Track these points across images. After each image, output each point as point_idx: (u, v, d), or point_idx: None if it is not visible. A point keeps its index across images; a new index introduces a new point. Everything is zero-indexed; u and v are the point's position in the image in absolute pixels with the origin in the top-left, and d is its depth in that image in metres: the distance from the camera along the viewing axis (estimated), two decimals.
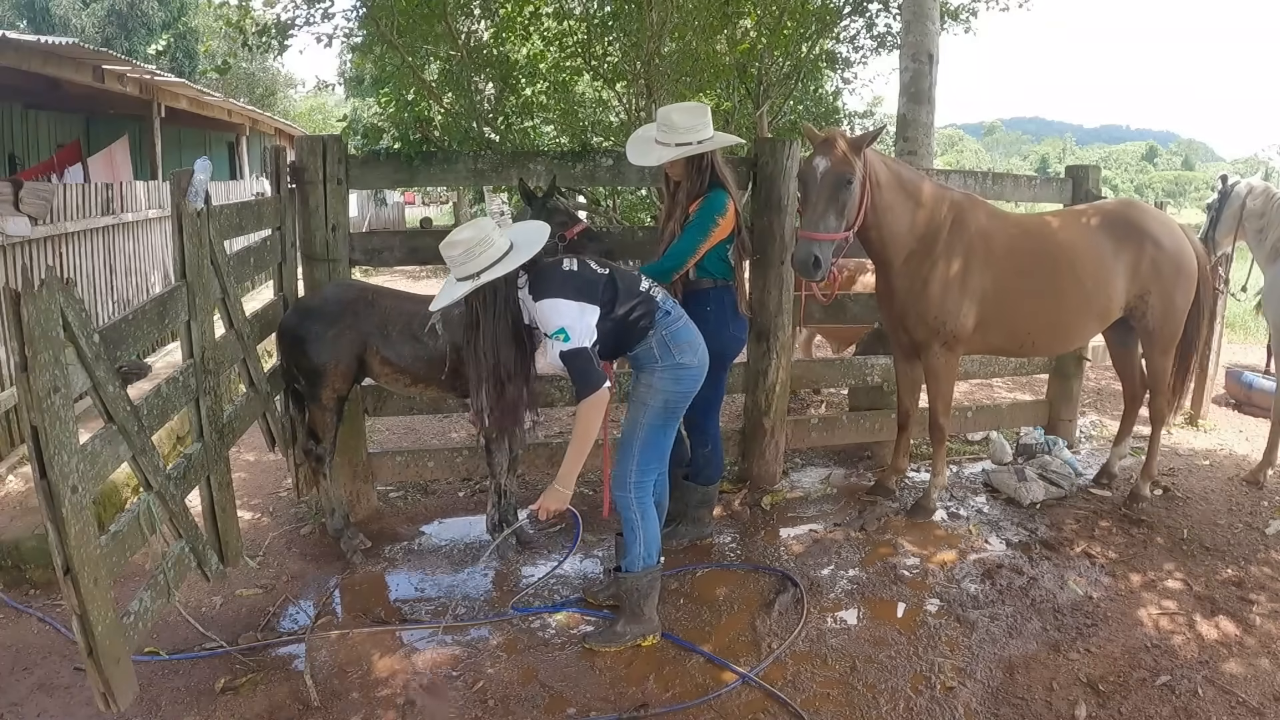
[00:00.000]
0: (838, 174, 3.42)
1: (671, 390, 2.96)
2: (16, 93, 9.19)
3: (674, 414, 3.02)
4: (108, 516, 3.64)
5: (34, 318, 2.01)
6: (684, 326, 2.99)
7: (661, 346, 2.94)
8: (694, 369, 2.99)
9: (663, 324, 2.94)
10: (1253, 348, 8.32)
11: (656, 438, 3.03)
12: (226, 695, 2.78)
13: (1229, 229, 5.03)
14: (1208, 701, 2.78)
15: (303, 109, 26.47)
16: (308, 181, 3.83)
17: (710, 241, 3.43)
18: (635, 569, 3.05)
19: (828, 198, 3.43)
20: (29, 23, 20.64)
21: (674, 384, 2.96)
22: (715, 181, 3.46)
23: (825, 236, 3.43)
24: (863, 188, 3.51)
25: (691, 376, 2.99)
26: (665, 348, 2.94)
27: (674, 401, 2.98)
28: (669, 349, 2.94)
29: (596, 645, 3.06)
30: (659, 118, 3.43)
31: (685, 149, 3.34)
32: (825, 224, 3.43)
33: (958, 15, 8.15)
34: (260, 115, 15.05)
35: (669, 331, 2.94)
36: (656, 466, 3.08)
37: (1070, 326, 4.10)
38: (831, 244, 3.46)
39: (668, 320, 2.95)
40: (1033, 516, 4.23)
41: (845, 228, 3.49)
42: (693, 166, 3.44)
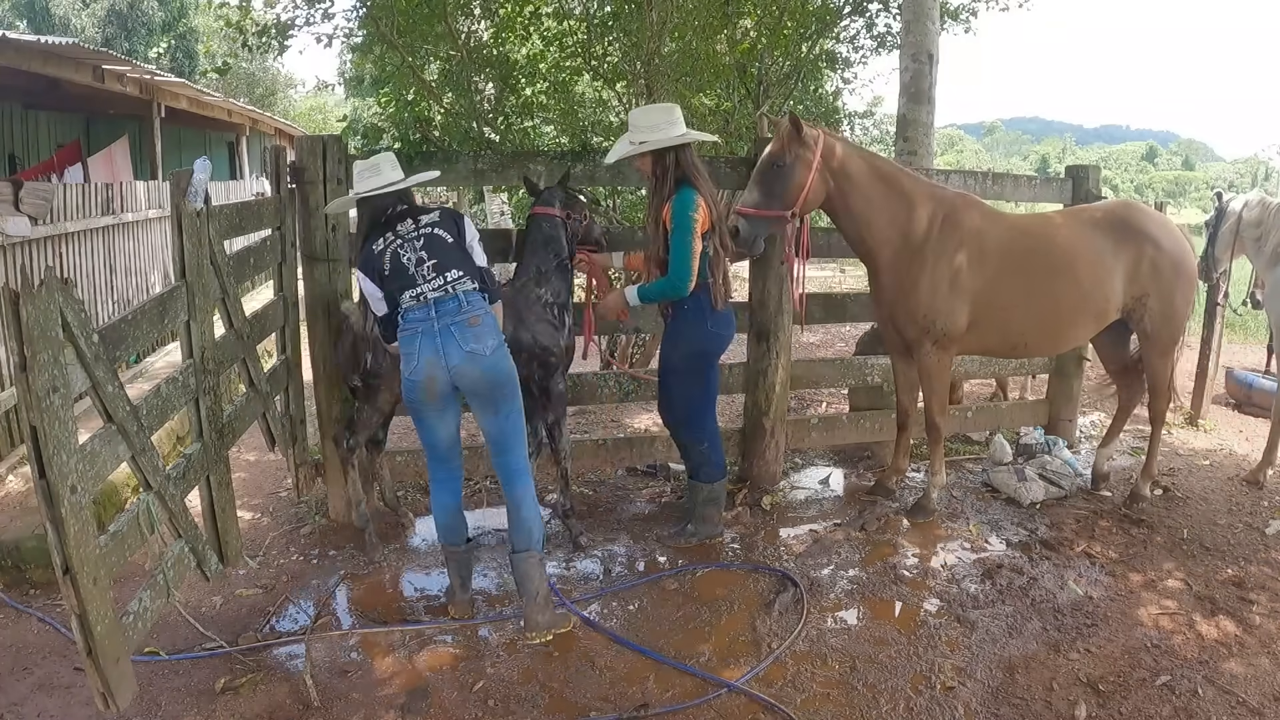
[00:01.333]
0: (770, 157, 3.60)
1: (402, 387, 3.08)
2: (16, 93, 9.19)
3: (411, 411, 3.09)
4: (108, 516, 3.64)
5: (33, 318, 2.01)
6: (405, 335, 3.00)
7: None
8: (406, 379, 3.01)
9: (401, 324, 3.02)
10: (1253, 348, 8.32)
11: (415, 425, 3.14)
12: (226, 695, 2.78)
13: (1227, 244, 5.08)
14: (1208, 701, 2.78)
15: (303, 109, 26.47)
16: (308, 181, 3.83)
17: (698, 238, 3.47)
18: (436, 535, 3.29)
19: (755, 177, 3.64)
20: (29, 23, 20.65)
21: (401, 380, 3.06)
22: (684, 181, 3.49)
23: (747, 210, 3.62)
24: (805, 172, 3.61)
25: (404, 383, 3.02)
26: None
27: (405, 399, 3.08)
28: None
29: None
30: (629, 118, 3.58)
31: (641, 146, 3.47)
32: (750, 198, 3.63)
33: (958, 15, 8.14)
34: (260, 115, 15.06)
35: (400, 331, 3.03)
36: (429, 455, 3.17)
37: (1065, 328, 4.10)
38: (760, 220, 3.62)
39: (400, 323, 3.02)
40: (1033, 516, 4.23)
41: (781, 207, 3.62)
42: (656, 165, 3.52)
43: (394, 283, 3.02)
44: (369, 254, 3.08)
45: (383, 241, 3.07)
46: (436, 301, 2.98)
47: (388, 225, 3.11)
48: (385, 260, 3.04)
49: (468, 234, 3.18)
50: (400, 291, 3.00)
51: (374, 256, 3.06)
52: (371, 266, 3.07)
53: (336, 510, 4.12)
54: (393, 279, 3.03)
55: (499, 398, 3.01)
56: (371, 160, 3.19)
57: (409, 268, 3.02)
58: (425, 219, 3.14)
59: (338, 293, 3.90)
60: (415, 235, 3.07)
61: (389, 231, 3.09)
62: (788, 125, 3.58)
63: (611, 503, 4.37)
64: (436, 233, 3.09)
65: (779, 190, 3.59)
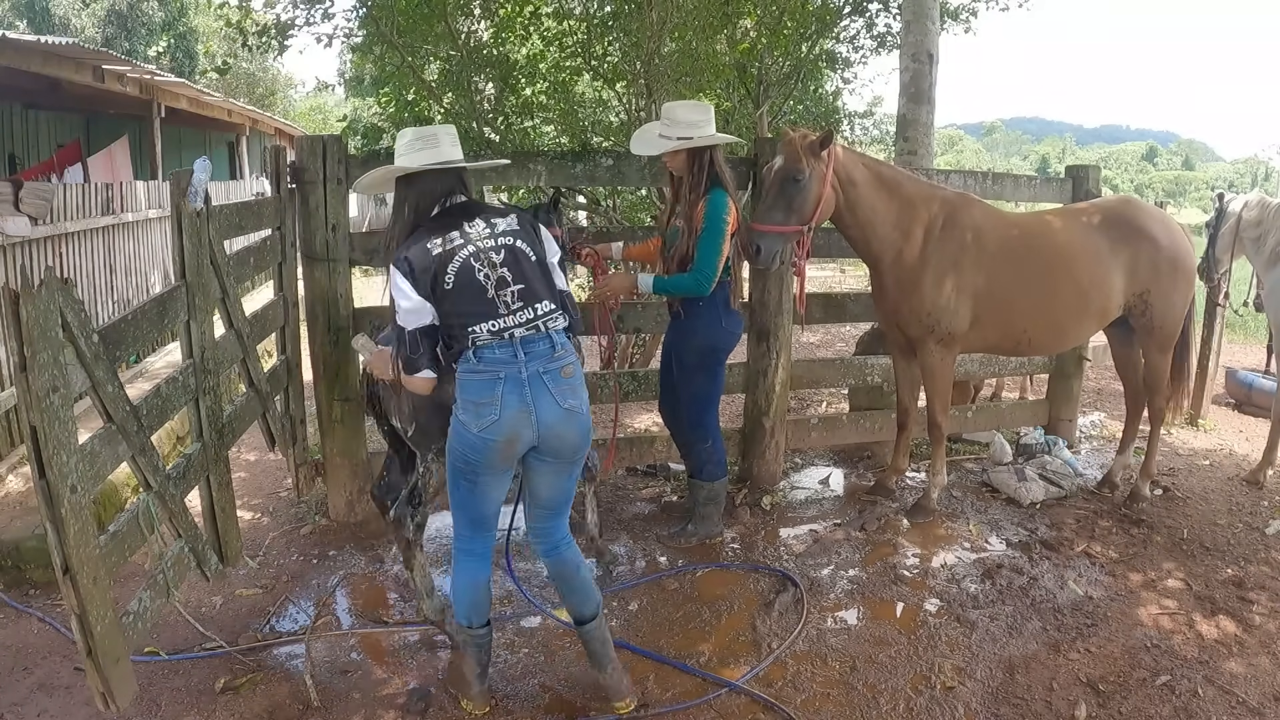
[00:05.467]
0: (787, 172, 3.56)
1: (451, 440, 2.48)
2: (16, 93, 9.19)
3: (459, 472, 2.48)
4: (108, 516, 3.63)
5: (33, 318, 2.01)
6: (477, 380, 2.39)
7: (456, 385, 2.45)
8: (468, 433, 2.40)
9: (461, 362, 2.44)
10: (1253, 348, 8.32)
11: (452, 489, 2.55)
12: (226, 695, 2.78)
13: (1227, 245, 5.08)
14: (1208, 701, 2.78)
15: (303, 109, 26.49)
16: (308, 181, 3.83)
17: (727, 240, 3.49)
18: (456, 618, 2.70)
19: (775, 193, 3.58)
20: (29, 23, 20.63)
21: (453, 434, 2.47)
22: (715, 181, 3.50)
23: (769, 228, 3.58)
24: (820, 186, 3.59)
25: (464, 439, 2.42)
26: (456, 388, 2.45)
27: (453, 455, 2.48)
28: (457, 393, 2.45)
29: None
30: (664, 112, 3.53)
31: (685, 142, 3.44)
32: (771, 217, 3.58)
33: (958, 15, 8.16)
34: (260, 115, 15.06)
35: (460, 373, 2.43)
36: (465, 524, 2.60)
37: (1068, 325, 4.10)
38: (779, 236, 3.59)
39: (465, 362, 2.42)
40: (1033, 516, 4.23)
41: (799, 222, 3.61)
42: (694, 163, 3.50)
43: (462, 304, 2.38)
44: (421, 252, 2.38)
45: (444, 243, 2.39)
46: (524, 341, 2.39)
47: (448, 220, 2.46)
48: (451, 271, 2.37)
49: (549, 248, 2.56)
50: (472, 320, 2.37)
51: (429, 258, 2.38)
52: (423, 270, 2.37)
53: (336, 510, 4.12)
54: (460, 299, 2.38)
55: (576, 460, 2.55)
56: (427, 130, 2.54)
57: (486, 289, 2.38)
58: (502, 224, 2.48)
59: (338, 293, 3.90)
60: (493, 245, 2.43)
61: (453, 230, 2.42)
62: (810, 140, 3.53)
63: (611, 502, 4.37)
64: (519, 246, 2.46)
65: (798, 205, 3.57)
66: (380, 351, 2.71)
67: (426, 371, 2.48)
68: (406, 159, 2.49)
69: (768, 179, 3.63)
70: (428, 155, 2.47)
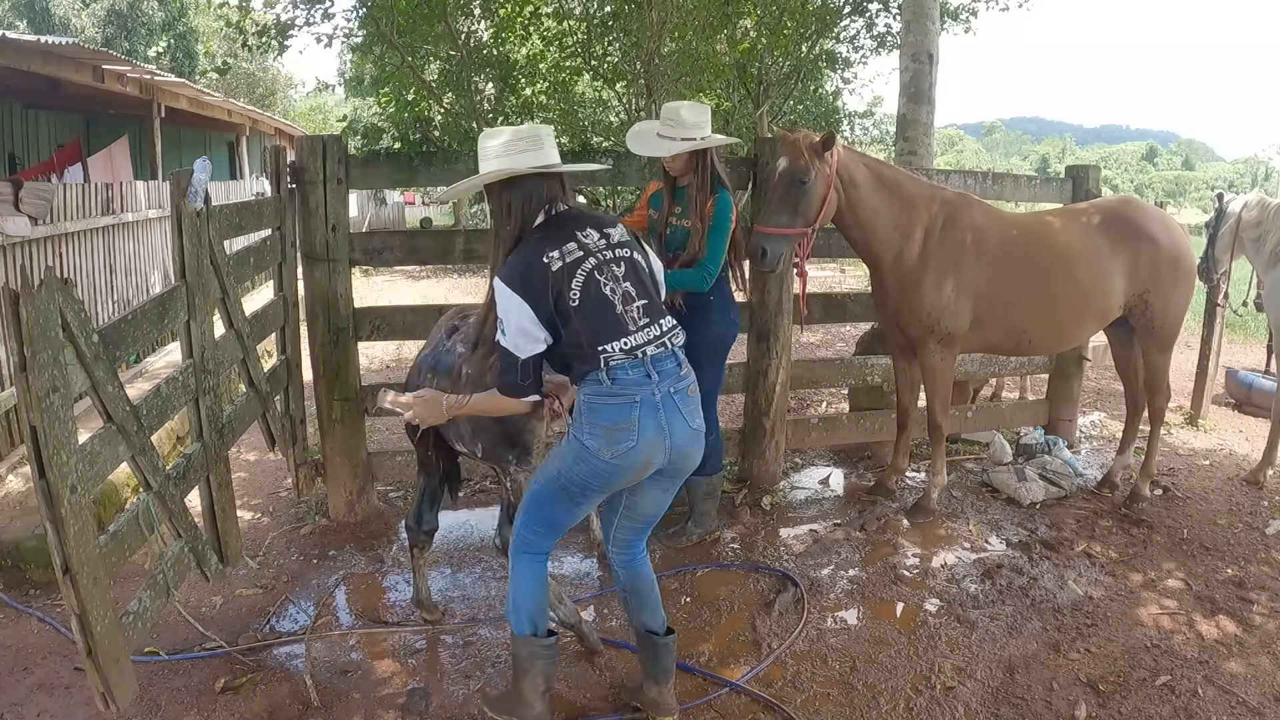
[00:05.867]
0: (792, 174, 3.54)
1: (568, 464, 2.30)
2: (16, 93, 9.19)
3: (565, 492, 2.32)
4: (108, 516, 3.63)
5: (33, 318, 2.01)
6: (612, 404, 2.22)
7: (580, 408, 2.30)
8: (598, 460, 2.23)
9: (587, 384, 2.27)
10: (1253, 348, 8.32)
11: (543, 500, 2.38)
12: (226, 695, 2.78)
13: (1227, 245, 5.08)
14: (1208, 701, 2.78)
15: (303, 109, 26.49)
16: (308, 181, 3.83)
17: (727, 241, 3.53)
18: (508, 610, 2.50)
19: (780, 196, 3.57)
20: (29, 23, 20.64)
21: (573, 459, 2.29)
22: (717, 181, 3.54)
23: (775, 231, 3.57)
24: (825, 188, 3.58)
25: (591, 465, 2.25)
26: (580, 411, 2.29)
27: (565, 478, 2.31)
28: (581, 417, 2.28)
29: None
30: (665, 112, 3.52)
31: (690, 144, 3.44)
32: (776, 220, 3.57)
33: (958, 15, 8.16)
34: (260, 115, 15.06)
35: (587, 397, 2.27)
36: (543, 533, 2.44)
37: (1068, 325, 4.10)
38: (784, 239, 3.58)
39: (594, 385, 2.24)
40: (1033, 516, 4.22)
41: (804, 224, 3.59)
42: (698, 164, 3.52)
43: (591, 322, 2.21)
44: (538, 267, 2.19)
45: (563, 255, 2.21)
46: (655, 360, 2.25)
47: (559, 230, 2.28)
48: (576, 287, 2.20)
49: (653, 259, 2.43)
50: (604, 339, 2.21)
51: (549, 274, 2.19)
52: (542, 286, 2.18)
53: (336, 510, 4.12)
54: (589, 317, 2.20)
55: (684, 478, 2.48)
56: (527, 129, 2.33)
57: (614, 304, 2.24)
58: (615, 233, 2.33)
59: (338, 293, 3.90)
60: (612, 257, 2.28)
61: (569, 241, 2.24)
62: (803, 142, 3.53)
63: None
64: (636, 258, 2.33)
65: (803, 208, 3.57)
66: (419, 398, 2.50)
67: (532, 397, 2.30)
68: (508, 160, 2.26)
69: (770, 181, 3.63)
70: (532, 158, 2.27)
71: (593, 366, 2.22)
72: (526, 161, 2.26)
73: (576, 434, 2.27)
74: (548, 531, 2.43)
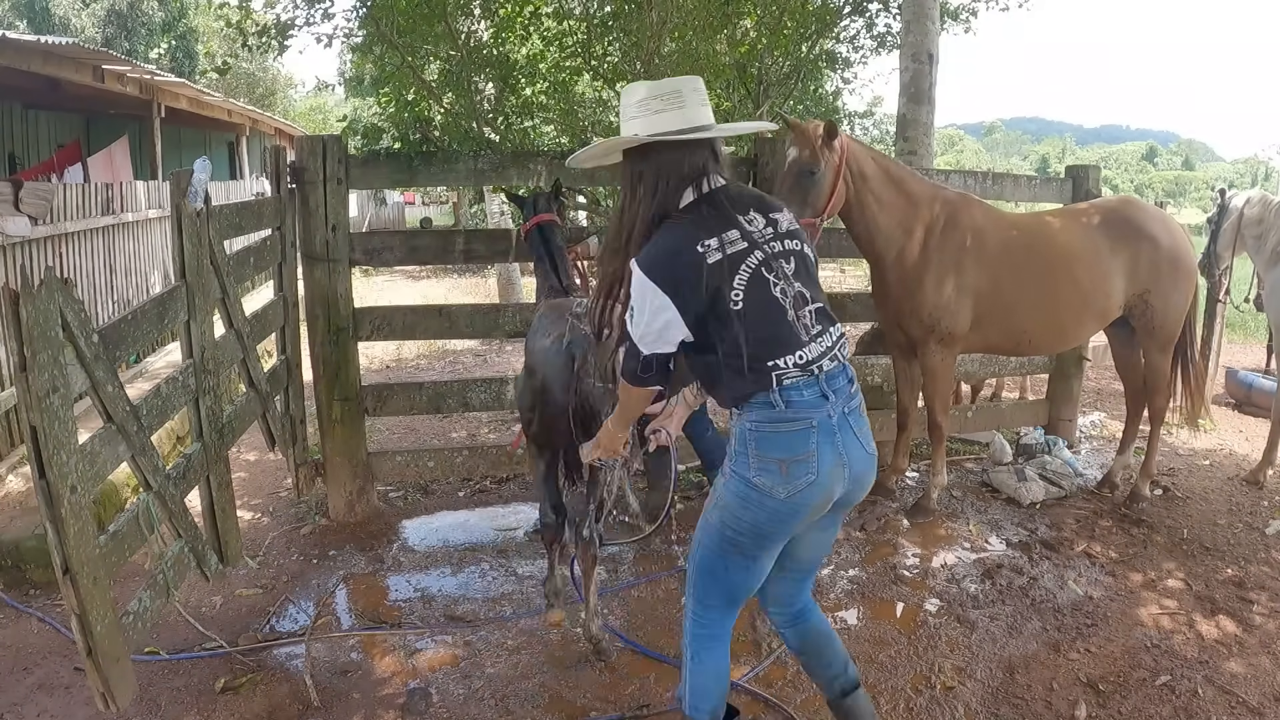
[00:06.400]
0: (802, 164, 3.51)
1: (734, 511, 1.92)
2: (16, 93, 9.19)
3: (737, 547, 1.95)
4: (108, 516, 3.63)
5: (33, 318, 2.01)
6: (789, 432, 1.85)
7: (743, 438, 1.91)
8: (772, 499, 1.87)
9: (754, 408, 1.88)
10: (1253, 348, 8.32)
11: (713, 565, 2.01)
12: (226, 695, 2.78)
13: (1229, 241, 5.07)
14: (1208, 701, 2.78)
15: (303, 109, 26.48)
16: (308, 181, 3.83)
17: None
18: (683, 708, 2.15)
19: (790, 185, 3.53)
20: (29, 23, 20.63)
21: (739, 504, 1.91)
22: None
23: None
24: (835, 179, 3.57)
25: (765, 508, 1.88)
26: (745, 442, 1.90)
27: (733, 528, 1.93)
28: (746, 449, 1.90)
29: None
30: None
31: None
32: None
33: (958, 15, 8.15)
34: (260, 115, 15.06)
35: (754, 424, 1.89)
36: (722, 606, 2.07)
37: (1068, 325, 4.10)
38: None
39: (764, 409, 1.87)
40: (1033, 516, 4.22)
41: (812, 214, 3.56)
42: None
43: (759, 330, 1.84)
44: (687, 256, 1.83)
45: (721, 244, 1.84)
46: (829, 377, 1.90)
47: (717, 212, 1.88)
48: (739, 285, 1.84)
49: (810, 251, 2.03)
50: (775, 351, 1.85)
51: (705, 266, 1.83)
52: (694, 282, 1.82)
53: (336, 510, 4.12)
54: (756, 323, 1.84)
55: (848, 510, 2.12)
56: (666, 84, 1.90)
57: (786, 309, 1.87)
58: (783, 220, 1.95)
59: (338, 293, 3.90)
60: (780, 250, 1.90)
61: (730, 228, 1.86)
62: (820, 131, 3.52)
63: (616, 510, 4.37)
64: (806, 251, 1.97)
65: (812, 198, 3.55)
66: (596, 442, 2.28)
67: (657, 386, 1.99)
68: (639, 123, 1.86)
69: (779, 170, 3.61)
70: (669, 119, 1.85)
71: (761, 387, 1.85)
72: (662, 125, 1.85)
73: (739, 471, 1.90)
74: (726, 605, 2.05)
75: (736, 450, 1.92)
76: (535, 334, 3.05)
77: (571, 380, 2.72)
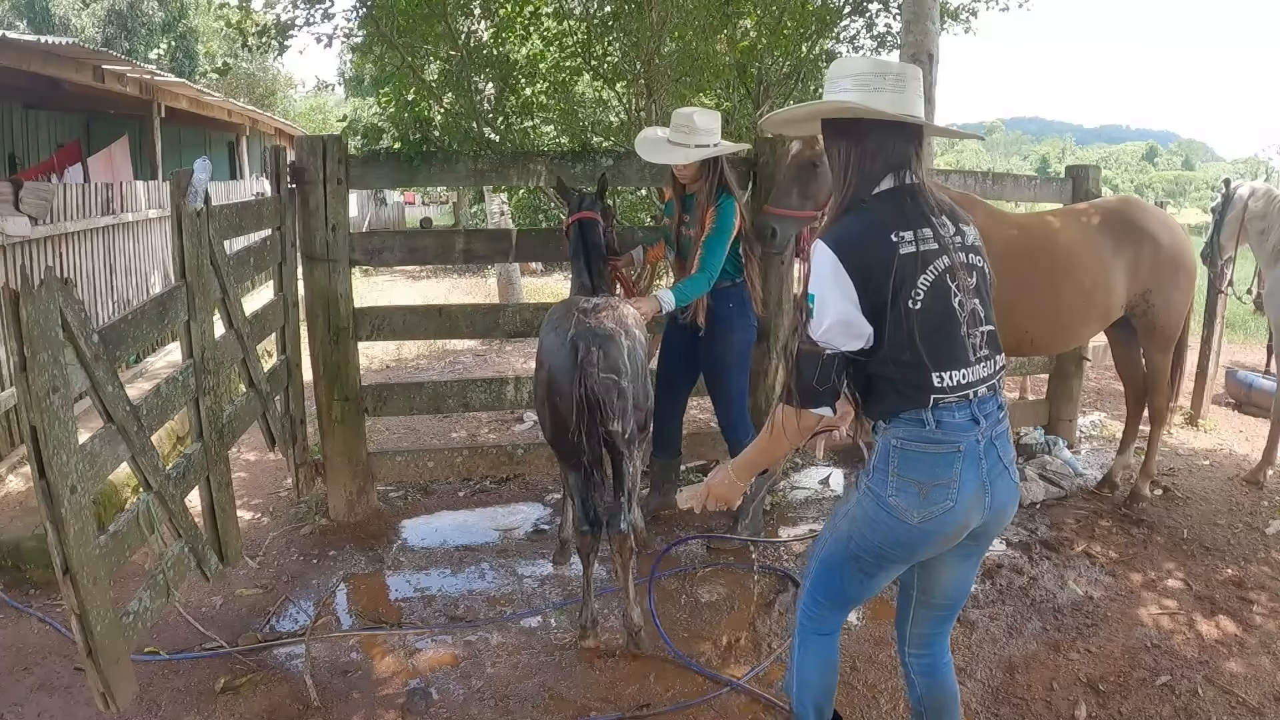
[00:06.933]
0: (805, 157, 3.51)
1: (862, 528, 1.88)
2: (16, 93, 9.18)
3: (857, 561, 1.91)
4: (108, 517, 3.63)
5: (33, 318, 2.01)
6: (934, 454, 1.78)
7: (886, 454, 1.83)
8: (903, 523, 1.80)
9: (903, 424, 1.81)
10: (1253, 348, 8.32)
11: (831, 569, 1.99)
12: (226, 695, 2.78)
13: (1232, 232, 5.05)
14: (1208, 701, 2.78)
15: (303, 109, 26.49)
16: (308, 181, 3.83)
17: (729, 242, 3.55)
18: (789, 688, 2.19)
19: (792, 178, 3.54)
20: (29, 23, 20.65)
21: (868, 522, 1.86)
22: (725, 189, 3.57)
23: (785, 212, 3.53)
24: None
25: (893, 531, 1.82)
26: (886, 458, 1.83)
27: (858, 543, 1.89)
28: (886, 466, 1.83)
29: None
30: (677, 119, 3.52)
31: (704, 150, 3.45)
32: (787, 201, 3.53)
33: (958, 15, 8.14)
34: (260, 115, 15.05)
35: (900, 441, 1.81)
36: (831, 606, 2.07)
37: (1070, 325, 4.10)
38: (794, 220, 3.55)
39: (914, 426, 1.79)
40: (1033, 516, 4.22)
41: (814, 207, 3.56)
42: (707, 171, 3.55)
43: (930, 337, 1.75)
44: (880, 241, 1.74)
45: (916, 240, 1.75)
46: (981, 403, 1.82)
47: (912, 206, 1.80)
48: (924, 285, 1.75)
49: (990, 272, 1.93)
50: (942, 364, 1.77)
51: (894, 255, 1.73)
52: (883, 269, 1.73)
53: (336, 510, 4.12)
54: (929, 329, 1.75)
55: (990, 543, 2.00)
56: (889, 64, 1.84)
57: (960, 323, 1.79)
58: (970, 232, 1.88)
59: (338, 293, 3.90)
60: (966, 262, 1.82)
61: (925, 226, 1.78)
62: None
63: None
64: (987, 270, 1.90)
65: (814, 191, 3.54)
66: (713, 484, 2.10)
67: (826, 410, 1.82)
68: (861, 95, 1.76)
69: (783, 162, 3.62)
70: (894, 102, 1.75)
71: (916, 402, 1.77)
72: (885, 104, 1.75)
73: (875, 488, 1.83)
74: (838, 605, 2.05)
75: (876, 465, 1.85)
76: (544, 329, 3.11)
77: (576, 372, 2.75)
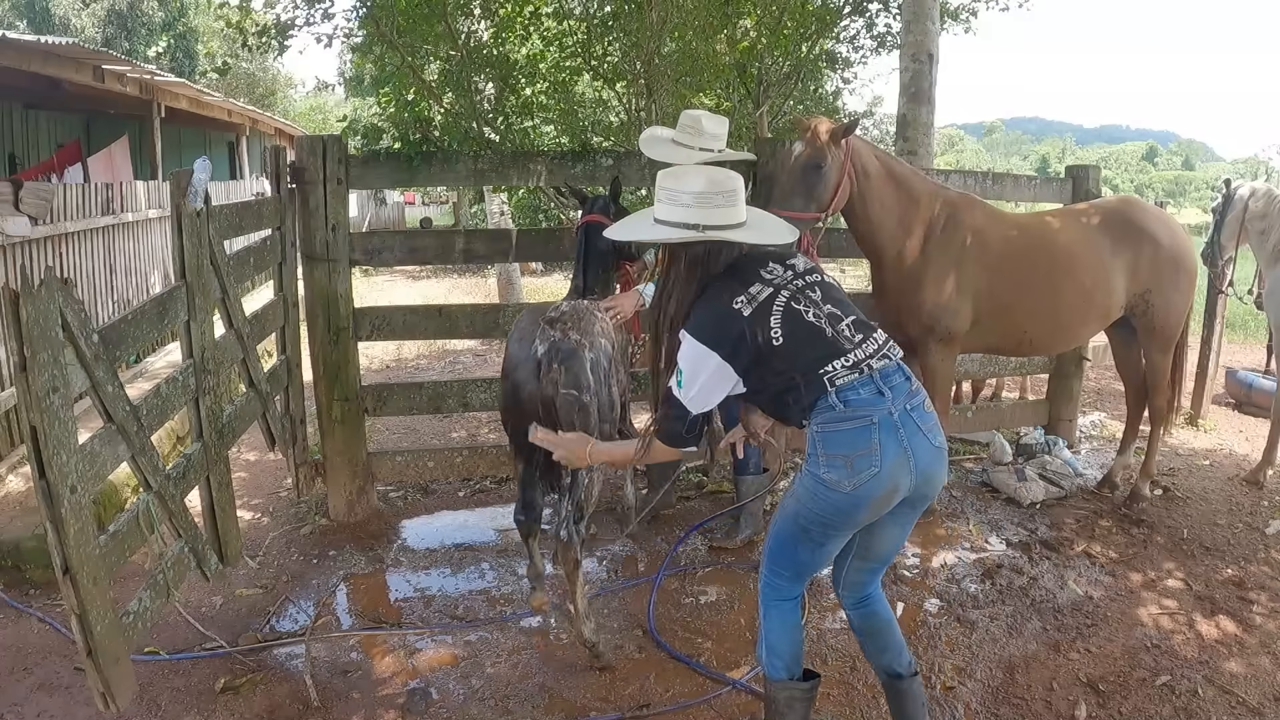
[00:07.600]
0: (809, 159, 3.50)
1: (805, 503, 2.13)
2: (16, 93, 9.18)
3: (806, 533, 2.16)
4: (108, 516, 3.63)
5: (33, 318, 2.01)
6: (848, 429, 2.04)
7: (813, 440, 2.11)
8: (837, 493, 2.05)
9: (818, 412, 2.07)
10: (1253, 348, 8.32)
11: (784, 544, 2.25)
12: (226, 695, 2.78)
13: (1233, 232, 5.05)
14: (1208, 701, 2.78)
15: (303, 109, 26.48)
16: (308, 181, 3.83)
17: None
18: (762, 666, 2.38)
19: (796, 180, 3.52)
20: (29, 23, 20.65)
21: (809, 497, 2.11)
22: None
23: (788, 215, 3.48)
24: (840, 175, 3.56)
25: (831, 501, 2.06)
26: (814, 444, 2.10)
27: (804, 518, 2.14)
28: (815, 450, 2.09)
29: None
30: (684, 120, 3.52)
31: (708, 154, 3.45)
32: (790, 203, 3.51)
33: (958, 15, 8.15)
34: (260, 115, 15.05)
35: (820, 426, 2.08)
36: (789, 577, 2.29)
37: (1069, 325, 4.10)
38: (797, 222, 3.47)
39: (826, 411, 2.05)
40: (1033, 516, 4.22)
41: (817, 210, 3.56)
42: None
43: (804, 350, 2.07)
44: (727, 314, 2.09)
45: (749, 298, 2.09)
46: (883, 375, 2.07)
47: (743, 271, 2.17)
48: (774, 323, 2.07)
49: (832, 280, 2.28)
50: (824, 360, 2.06)
51: (740, 321, 2.07)
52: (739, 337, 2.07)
53: (336, 510, 4.12)
54: (799, 347, 2.07)
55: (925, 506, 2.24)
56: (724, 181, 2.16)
57: (823, 329, 2.09)
58: (799, 263, 2.23)
59: (338, 293, 3.90)
60: (803, 285, 2.16)
61: (753, 282, 2.13)
62: (823, 127, 3.51)
63: (610, 504, 4.37)
64: (828, 280, 2.23)
65: (818, 193, 3.54)
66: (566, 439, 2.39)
67: (691, 447, 2.25)
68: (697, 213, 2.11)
69: (786, 165, 3.60)
70: (725, 215, 2.12)
71: (818, 392, 2.05)
72: (718, 219, 2.10)
73: (811, 469, 2.09)
74: (794, 575, 2.28)
75: (809, 452, 2.11)
76: (510, 337, 3.04)
77: (537, 386, 2.75)
